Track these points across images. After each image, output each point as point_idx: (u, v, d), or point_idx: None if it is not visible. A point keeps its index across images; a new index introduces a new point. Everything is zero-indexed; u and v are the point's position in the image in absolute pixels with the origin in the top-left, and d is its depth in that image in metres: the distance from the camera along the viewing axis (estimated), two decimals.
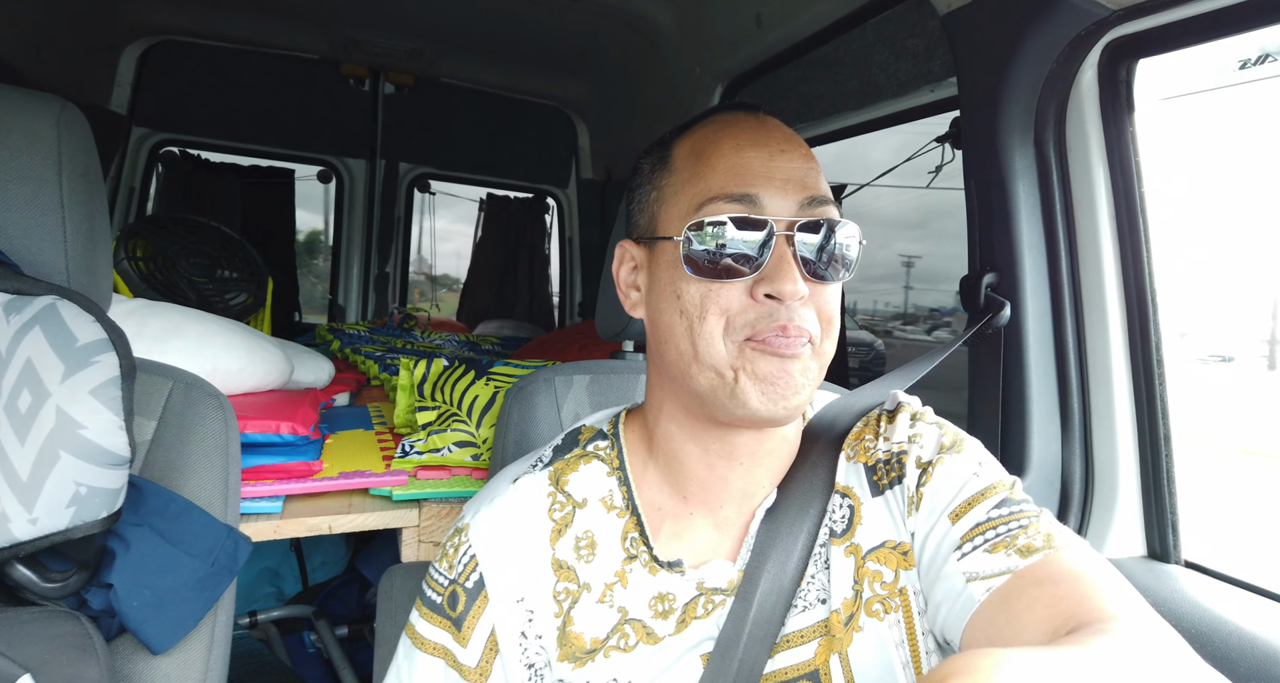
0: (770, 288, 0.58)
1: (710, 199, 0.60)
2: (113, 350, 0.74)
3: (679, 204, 0.63)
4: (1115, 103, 1.06)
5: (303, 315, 3.26)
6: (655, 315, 0.65)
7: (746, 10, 1.72)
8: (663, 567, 0.66)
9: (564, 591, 0.66)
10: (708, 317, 0.60)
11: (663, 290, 0.64)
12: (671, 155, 0.66)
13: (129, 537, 0.76)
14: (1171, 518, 1.09)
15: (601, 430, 0.73)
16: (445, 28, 2.47)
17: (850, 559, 0.65)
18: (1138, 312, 1.08)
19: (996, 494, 0.61)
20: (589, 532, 0.68)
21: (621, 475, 0.69)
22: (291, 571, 2.21)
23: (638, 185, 0.70)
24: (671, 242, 0.62)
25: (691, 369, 0.61)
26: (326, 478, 1.18)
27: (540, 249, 3.56)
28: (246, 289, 2.08)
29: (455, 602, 0.67)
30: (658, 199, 0.66)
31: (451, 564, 0.68)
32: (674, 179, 0.65)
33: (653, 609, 0.65)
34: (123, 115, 2.51)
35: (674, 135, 0.69)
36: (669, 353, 0.63)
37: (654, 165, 0.68)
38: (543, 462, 0.72)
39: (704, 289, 0.60)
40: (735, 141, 0.62)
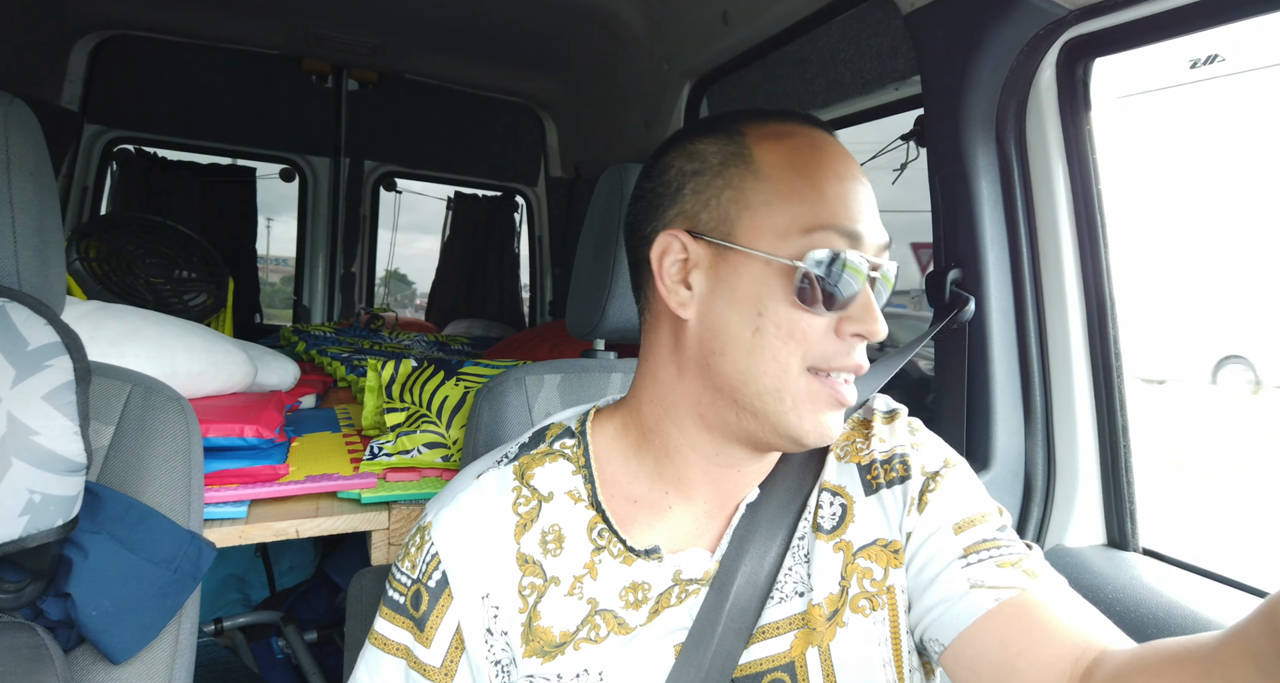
0: (861, 327, 0.59)
1: (822, 227, 0.59)
2: (66, 354, 0.72)
3: (774, 219, 0.60)
4: (1073, 101, 1.08)
5: (264, 317, 3.20)
6: (718, 324, 0.62)
7: (714, 8, 1.73)
8: (638, 555, 0.65)
9: (529, 585, 0.65)
10: (789, 341, 0.59)
11: (738, 302, 0.61)
12: (754, 157, 0.62)
13: (87, 545, 0.74)
14: (1130, 508, 1.12)
15: (569, 428, 0.72)
16: (409, 23, 2.44)
17: (839, 555, 0.66)
18: (1096, 306, 1.11)
19: (998, 518, 0.66)
20: (555, 526, 0.67)
21: (586, 474, 0.69)
22: (258, 576, 2.17)
23: (697, 172, 0.64)
24: (761, 257, 0.59)
25: (748, 389, 0.60)
26: (293, 482, 1.16)
27: (509, 248, 3.53)
28: (206, 290, 2.04)
29: (419, 601, 0.66)
30: (736, 201, 0.61)
31: (414, 564, 0.67)
32: (764, 187, 0.61)
33: (624, 599, 0.65)
34: (74, 112, 2.44)
35: (740, 126, 0.64)
36: (723, 365, 0.61)
37: (727, 160, 0.63)
38: (508, 457, 0.71)
39: (795, 315, 0.59)
40: (839, 170, 0.61)
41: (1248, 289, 3.56)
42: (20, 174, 0.76)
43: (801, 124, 0.65)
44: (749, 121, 0.65)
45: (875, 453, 0.69)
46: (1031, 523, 1.16)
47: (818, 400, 0.60)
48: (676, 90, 2.07)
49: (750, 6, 1.63)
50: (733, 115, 0.66)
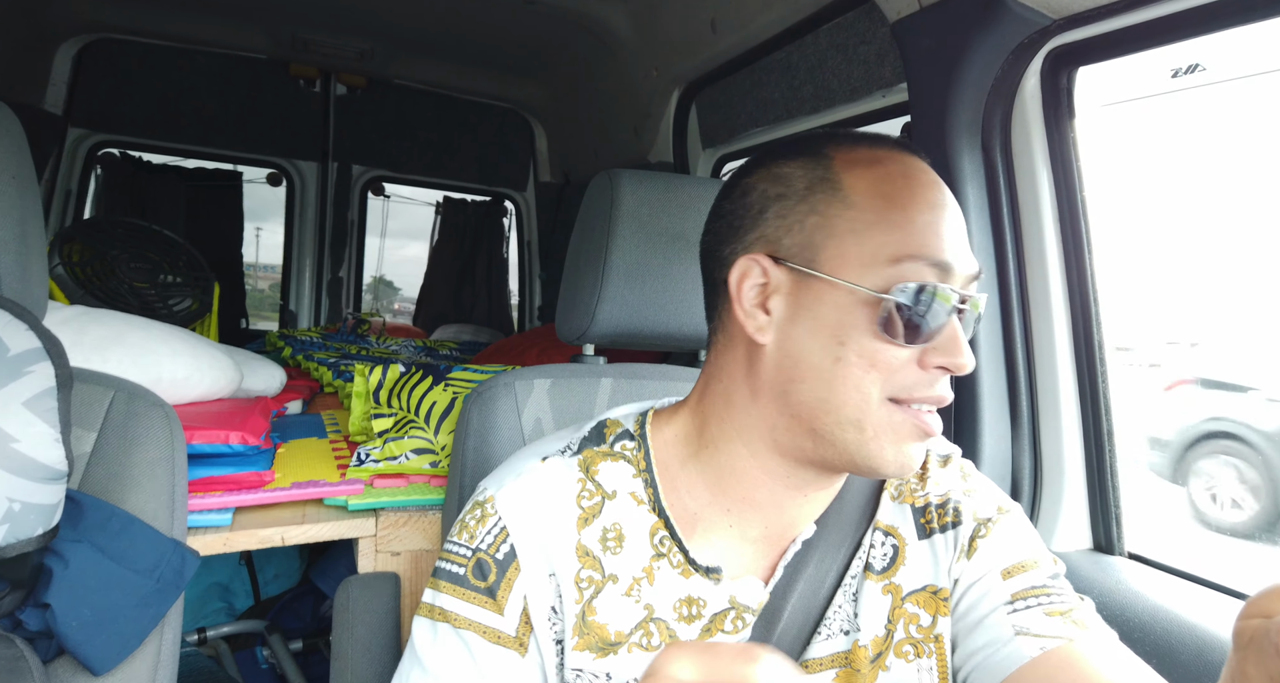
0: (947, 360, 0.58)
1: (910, 257, 0.57)
2: (48, 360, 0.71)
3: (860, 247, 0.58)
4: (1057, 109, 1.10)
5: (249, 322, 3.18)
6: (796, 351, 0.60)
7: (701, 15, 1.73)
8: (697, 570, 0.64)
9: (587, 578, 0.63)
10: (871, 371, 0.58)
11: (819, 330, 0.59)
12: (842, 182, 0.60)
13: (67, 554, 0.73)
14: (1115, 512, 1.13)
15: (628, 429, 0.70)
16: (397, 29, 2.44)
17: (888, 598, 0.65)
18: (1081, 311, 1.12)
19: (1050, 567, 0.66)
20: (617, 525, 0.65)
21: (648, 478, 0.67)
22: (243, 585, 2.14)
23: (782, 196, 0.62)
24: (845, 287, 0.58)
25: (828, 418, 0.59)
26: (279, 488, 1.15)
27: (498, 253, 3.53)
28: (191, 294, 2.02)
29: (483, 572, 0.63)
30: (821, 227, 0.60)
31: (474, 535, 0.64)
32: (852, 214, 0.59)
33: (677, 612, 0.63)
34: (58, 115, 2.42)
35: (829, 149, 0.63)
36: (802, 393, 0.60)
37: (814, 183, 0.61)
38: (571, 449, 0.69)
39: (878, 346, 0.57)
40: (930, 198, 0.60)
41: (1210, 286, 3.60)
42: (2, 177, 0.75)
43: (892, 150, 0.63)
44: (838, 145, 0.63)
45: (930, 496, 0.69)
46: None
47: (900, 431, 0.59)
48: (665, 97, 2.08)
49: (738, 14, 1.64)
50: (821, 138, 0.64)
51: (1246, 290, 3.34)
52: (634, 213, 0.97)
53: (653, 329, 0.99)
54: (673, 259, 0.98)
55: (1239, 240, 3.48)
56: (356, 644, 1.00)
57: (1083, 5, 0.97)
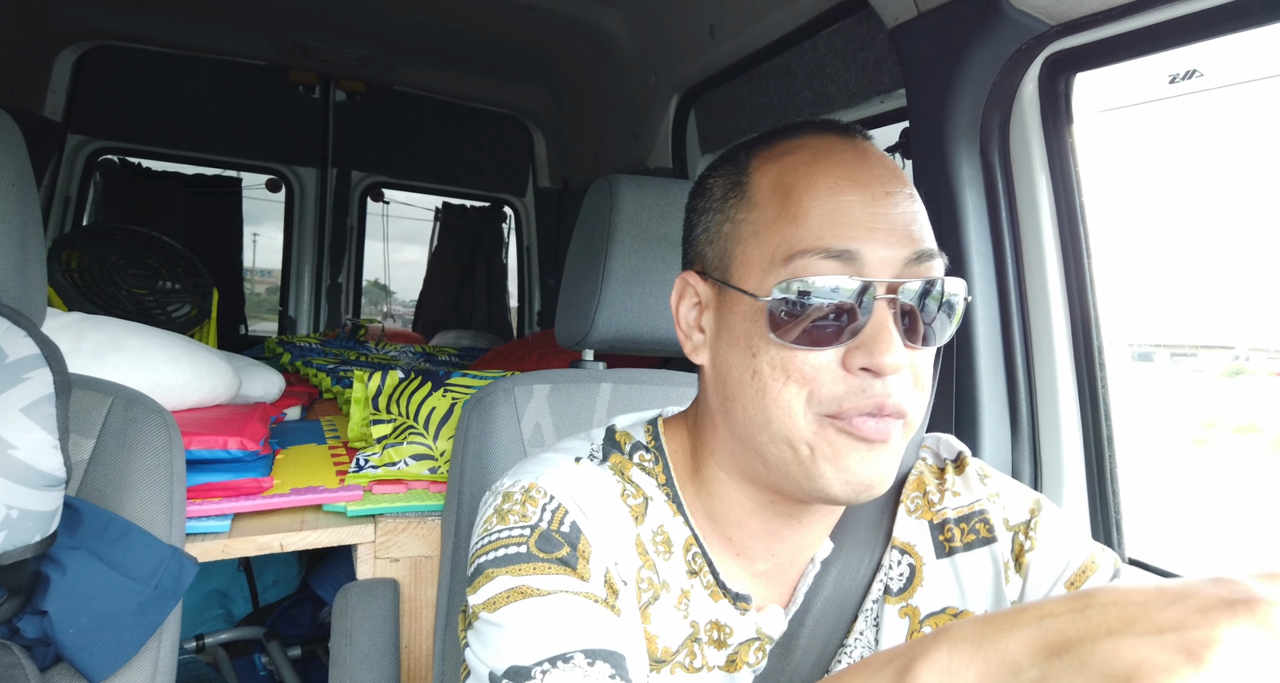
0: (868, 360, 0.50)
1: (801, 252, 0.52)
2: (46, 366, 0.71)
3: (762, 249, 0.54)
4: (1055, 114, 1.10)
5: (249, 328, 3.18)
6: (724, 369, 0.57)
7: (700, 21, 1.74)
8: (725, 595, 0.59)
9: (647, 580, 0.57)
10: (788, 384, 0.52)
11: (735, 343, 0.55)
12: (751, 183, 0.56)
13: (65, 561, 0.72)
14: (1116, 517, 1.12)
15: (640, 441, 0.64)
16: (396, 35, 2.44)
17: (905, 621, 0.61)
18: (1080, 316, 1.12)
19: (1108, 562, 0.61)
20: (663, 527, 0.59)
21: (671, 491, 0.61)
22: (241, 591, 2.14)
23: (705, 209, 0.60)
24: (750, 295, 0.54)
25: (761, 436, 0.54)
26: (277, 495, 1.14)
27: (497, 258, 3.53)
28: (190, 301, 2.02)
29: (551, 544, 0.53)
30: (733, 235, 0.56)
31: (524, 516, 0.55)
32: (755, 215, 0.55)
33: (708, 635, 0.59)
34: (57, 122, 2.42)
35: (750, 151, 0.59)
36: (736, 412, 0.56)
37: (728, 189, 0.58)
38: (596, 456, 0.62)
39: (786, 355, 0.52)
40: (832, 180, 0.53)
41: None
42: (1, 184, 0.75)
43: (812, 135, 0.57)
44: (760, 145, 0.59)
45: (948, 510, 0.64)
46: None
47: (837, 447, 0.52)
48: (664, 103, 2.08)
49: (736, 20, 1.64)
50: (752, 141, 0.61)
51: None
52: (633, 218, 0.97)
53: (652, 334, 0.99)
54: (672, 264, 0.98)
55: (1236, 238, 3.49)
56: (355, 651, 0.99)
57: (1080, 11, 0.97)
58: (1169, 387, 3.75)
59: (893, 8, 1.17)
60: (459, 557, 0.90)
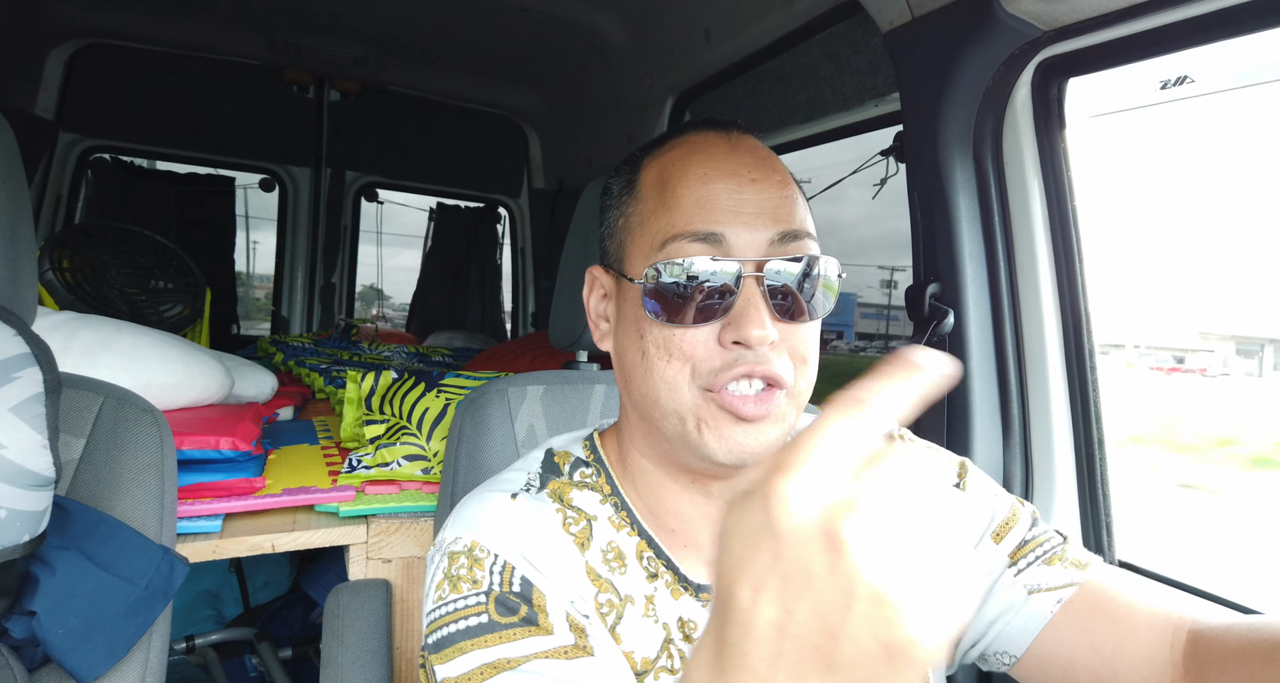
0: (736, 334, 0.54)
1: (673, 237, 0.56)
2: (36, 365, 0.71)
3: (644, 238, 0.59)
4: (1048, 119, 1.11)
5: (241, 328, 3.16)
6: (621, 351, 0.61)
7: (695, 24, 1.74)
8: (688, 589, 0.60)
9: (606, 602, 0.59)
10: (671, 361, 0.56)
11: (627, 327, 0.60)
12: (639, 180, 0.61)
13: (54, 561, 0.72)
14: (1106, 519, 1.13)
15: (579, 457, 0.67)
16: (391, 35, 2.44)
17: None
18: (1071, 319, 1.13)
19: (1025, 513, 0.66)
20: (613, 543, 0.61)
21: (618, 501, 0.64)
22: (232, 592, 2.13)
23: (607, 208, 0.64)
24: (632, 280, 0.58)
25: (654, 412, 0.58)
26: (269, 495, 1.14)
27: (492, 259, 3.53)
28: (182, 300, 2.01)
29: (509, 607, 0.55)
30: (625, 228, 0.61)
31: (476, 582, 0.56)
32: (640, 208, 0.60)
33: (680, 633, 0.60)
34: (49, 120, 2.41)
35: (643, 154, 0.64)
36: (634, 393, 0.60)
37: (622, 188, 0.63)
38: (534, 485, 0.64)
39: (667, 333, 0.56)
40: (702, 170, 0.58)
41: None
42: None
43: (693, 132, 0.62)
44: (654, 146, 0.64)
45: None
46: None
47: (716, 418, 0.56)
48: (659, 105, 2.09)
49: (732, 23, 1.64)
50: (648, 143, 0.65)
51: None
52: None
53: None
54: None
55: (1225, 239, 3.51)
56: (347, 652, 0.99)
57: (1073, 17, 0.98)
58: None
59: (887, 12, 1.17)
60: None
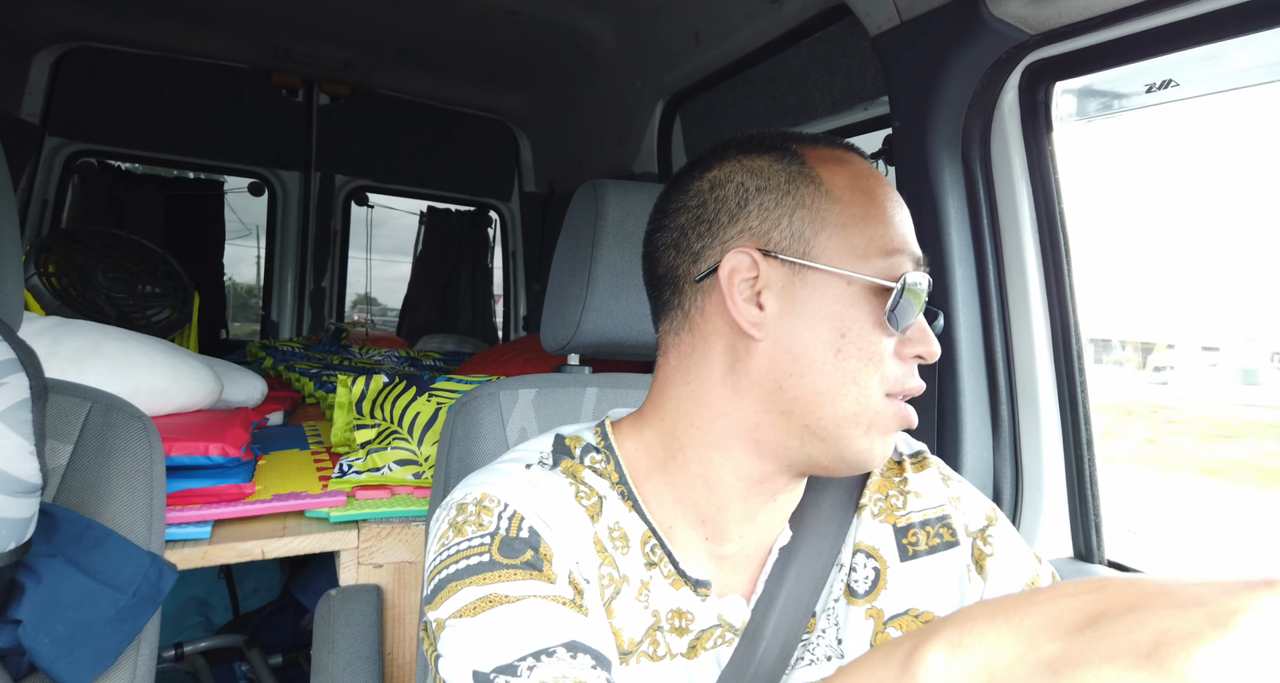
0: (923, 349, 0.60)
1: (898, 251, 0.59)
2: (22, 371, 0.70)
3: (853, 240, 0.59)
4: (1035, 122, 1.11)
5: (229, 332, 3.14)
6: (796, 346, 0.59)
7: (685, 27, 1.75)
8: (686, 583, 0.61)
9: (607, 576, 0.59)
10: (869, 364, 0.58)
11: (820, 322, 0.58)
12: (821, 177, 0.60)
13: (40, 569, 0.71)
14: (1095, 520, 1.14)
15: (590, 443, 0.66)
16: (379, 39, 2.44)
17: (870, 623, 0.64)
18: (1060, 321, 1.14)
19: (1047, 576, 0.68)
20: (619, 523, 0.62)
21: (624, 489, 0.63)
22: (221, 599, 2.11)
23: (761, 190, 0.61)
24: (845, 277, 0.58)
25: (825, 410, 0.58)
26: (259, 501, 1.13)
27: (483, 263, 3.52)
28: (170, 305, 2.00)
29: (513, 549, 0.55)
30: (811, 221, 0.59)
31: (482, 525, 0.56)
32: (839, 209, 0.60)
33: (670, 623, 0.61)
34: (35, 124, 2.39)
35: (796, 147, 0.62)
36: (800, 388, 0.58)
37: (794, 178, 0.61)
38: (546, 462, 0.64)
39: (876, 337, 0.58)
40: (895, 197, 0.62)
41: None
42: None
43: (848, 151, 0.65)
44: (799, 142, 0.63)
45: (912, 514, 0.68)
46: None
47: (889, 424, 0.59)
48: (649, 108, 2.09)
49: (721, 26, 1.65)
50: (777, 135, 0.64)
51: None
52: (619, 223, 0.97)
53: (638, 339, 0.99)
54: None
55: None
56: (337, 658, 0.98)
57: (1059, 21, 0.99)
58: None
59: (875, 16, 1.18)
60: None
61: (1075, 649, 0.30)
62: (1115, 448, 2.36)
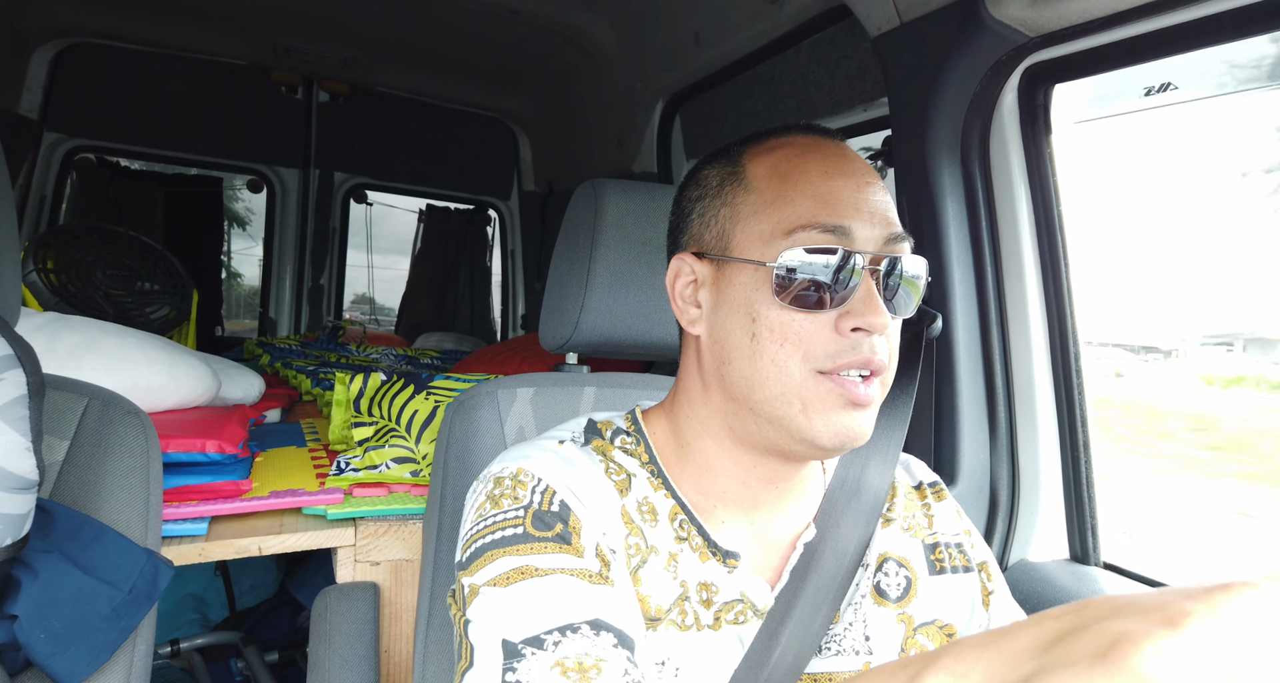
0: (860, 321, 0.58)
1: (801, 227, 0.59)
2: (19, 367, 0.70)
3: (760, 226, 0.61)
4: (1034, 124, 1.12)
5: (225, 329, 3.14)
6: (721, 335, 0.63)
7: (685, 28, 1.75)
8: (715, 554, 0.64)
9: (634, 546, 0.62)
10: (785, 344, 0.59)
11: (734, 311, 0.62)
12: (746, 172, 0.64)
13: (37, 564, 0.71)
14: (1091, 522, 1.14)
15: (621, 427, 0.71)
16: (380, 37, 2.43)
17: (901, 627, 0.67)
18: (1058, 323, 1.14)
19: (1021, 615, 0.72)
20: (648, 498, 0.65)
21: (655, 468, 0.67)
22: (218, 596, 2.11)
23: (700, 197, 0.67)
24: (751, 264, 0.61)
25: (757, 394, 0.60)
26: (256, 498, 1.13)
27: (481, 261, 3.52)
28: (168, 302, 1.99)
29: (546, 522, 0.58)
30: (731, 217, 0.64)
31: (517, 498, 0.60)
32: (753, 199, 0.63)
33: (699, 595, 0.63)
34: (33, 119, 2.38)
35: (742, 147, 0.67)
36: (731, 374, 0.62)
37: (724, 179, 0.66)
38: (578, 440, 0.68)
39: (786, 317, 0.59)
40: (823, 168, 0.62)
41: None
42: None
43: (799, 134, 0.66)
44: (752, 142, 0.67)
45: (939, 535, 0.73)
46: (996, 538, 1.17)
47: (827, 402, 0.59)
48: (649, 108, 2.09)
49: (721, 27, 1.65)
50: (741, 140, 0.68)
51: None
52: (618, 222, 0.97)
53: (636, 338, 1.00)
54: (656, 269, 0.98)
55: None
56: (334, 656, 0.98)
57: (1058, 24, 0.99)
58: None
59: (876, 17, 1.18)
60: (441, 560, 0.89)
61: (1045, 663, 0.31)
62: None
